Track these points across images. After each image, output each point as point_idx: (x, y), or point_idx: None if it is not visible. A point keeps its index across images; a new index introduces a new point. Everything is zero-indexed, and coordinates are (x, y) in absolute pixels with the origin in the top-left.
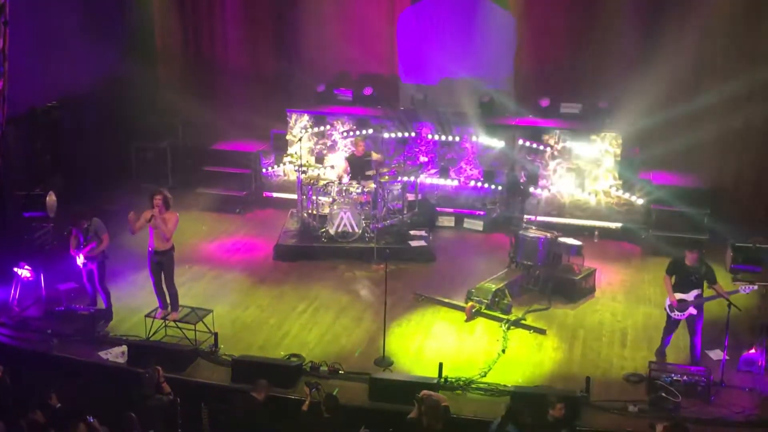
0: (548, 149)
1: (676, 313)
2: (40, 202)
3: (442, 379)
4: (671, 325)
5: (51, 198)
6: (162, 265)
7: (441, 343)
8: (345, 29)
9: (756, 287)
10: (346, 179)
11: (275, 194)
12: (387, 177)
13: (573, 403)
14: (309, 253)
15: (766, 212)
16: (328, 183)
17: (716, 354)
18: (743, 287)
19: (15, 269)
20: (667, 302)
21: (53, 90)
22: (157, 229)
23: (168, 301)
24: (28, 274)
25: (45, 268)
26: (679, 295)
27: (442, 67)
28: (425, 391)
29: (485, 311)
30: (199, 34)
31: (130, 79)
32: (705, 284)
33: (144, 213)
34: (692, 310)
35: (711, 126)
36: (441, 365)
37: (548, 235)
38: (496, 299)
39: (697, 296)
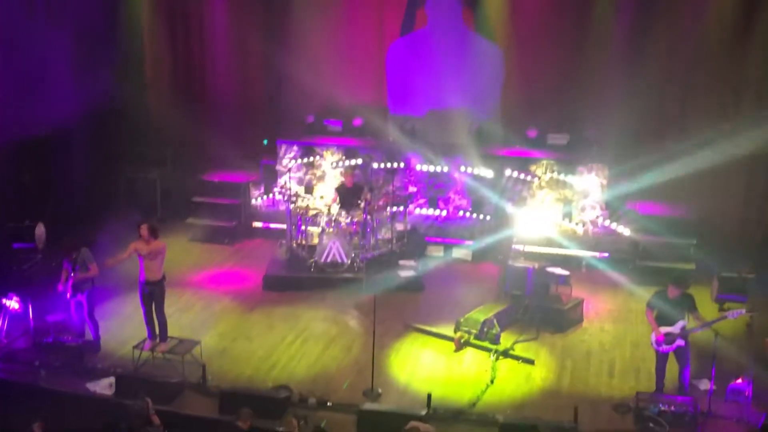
0: (536, 179)
1: (664, 346)
2: (28, 234)
3: (431, 410)
4: (661, 358)
5: (40, 229)
6: (153, 295)
7: (430, 374)
8: (334, 60)
9: (744, 312)
10: (335, 209)
11: (264, 224)
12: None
13: None
14: (298, 283)
15: (751, 242)
16: (317, 213)
17: (703, 384)
18: (731, 313)
19: (3, 300)
20: (653, 337)
21: (43, 120)
22: (146, 260)
23: (157, 331)
24: (17, 306)
25: (33, 299)
26: (664, 329)
27: (431, 98)
28: (414, 423)
29: (474, 341)
30: (190, 64)
31: (119, 109)
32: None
33: (130, 244)
34: (680, 342)
35: (697, 157)
36: (430, 396)
37: (536, 265)
38: (485, 329)
39: (683, 327)
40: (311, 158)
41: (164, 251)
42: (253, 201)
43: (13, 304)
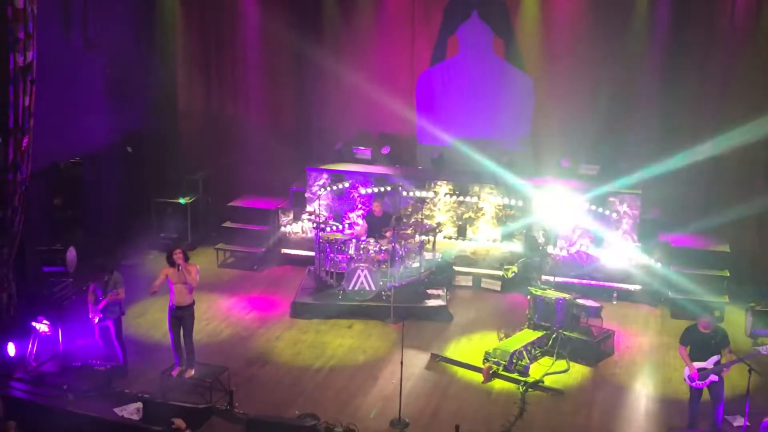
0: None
1: (698, 382)
2: (60, 257)
3: None
4: (695, 394)
5: (71, 253)
6: (182, 320)
7: (457, 405)
8: (364, 88)
9: (716, 378)
10: (363, 238)
11: (292, 251)
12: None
13: None
14: (325, 310)
15: None
16: (345, 241)
17: (738, 420)
18: (764, 348)
19: (33, 323)
20: (687, 373)
21: (76, 146)
22: (177, 285)
23: (185, 357)
24: (46, 329)
25: (63, 323)
26: (698, 364)
27: (461, 127)
28: None
29: (503, 372)
30: (221, 93)
31: (152, 136)
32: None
33: (161, 271)
34: (713, 377)
35: (731, 188)
36: (457, 427)
37: (567, 296)
38: (514, 360)
39: (716, 363)
40: (339, 185)
41: (197, 272)
42: (282, 228)
43: (42, 327)
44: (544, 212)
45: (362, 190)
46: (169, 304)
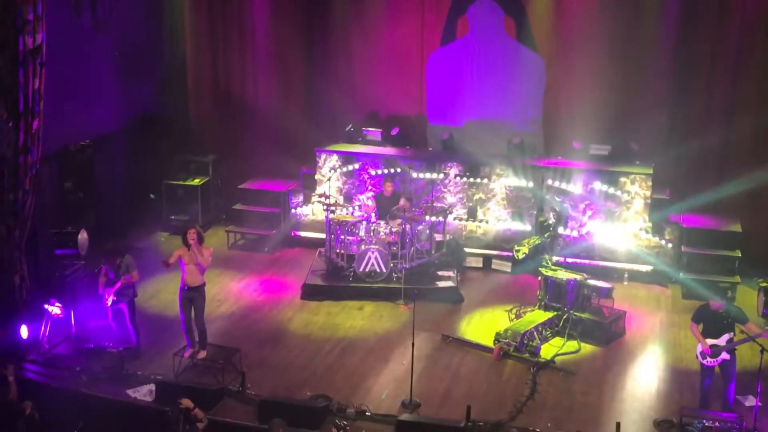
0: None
1: (709, 359)
2: (71, 240)
3: (470, 422)
4: (705, 371)
5: (82, 236)
6: (193, 301)
7: (469, 386)
8: (375, 70)
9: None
10: (374, 219)
11: (303, 233)
12: (414, 217)
13: None
14: (336, 292)
15: None
16: (356, 222)
17: (749, 400)
18: (722, 357)
19: (45, 306)
20: (699, 349)
21: (86, 128)
22: (189, 265)
23: (196, 339)
24: (59, 311)
25: (75, 305)
26: (710, 341)
27: (471, 108)
28: None
29: (514, 353)
30: (231, 73)
31: (162, 118)
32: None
33: (175, 251)
34: (725, 356)
35: (742, 167)
36: (469, 408)
37: (578, 277)
38: (525, 341)
39: (729, 340)
40: (350, 167)
41: (210, 255)
42: (293, 210)
43: (55, 309)
44: (555, 193)
45: (372, 172)
46: (180, 284)
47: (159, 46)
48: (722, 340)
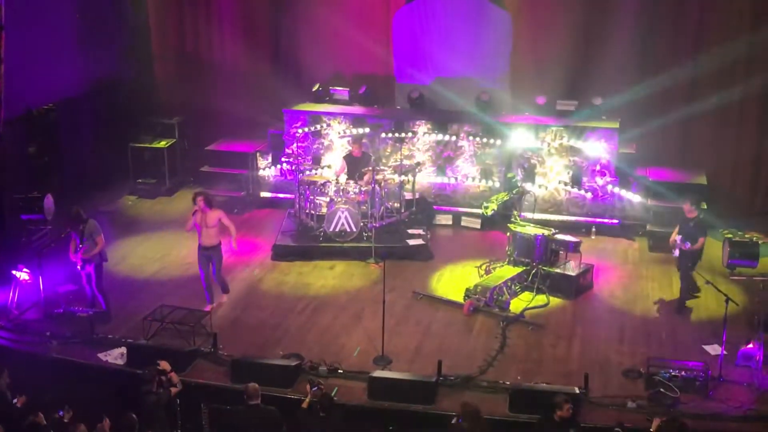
0: (545, 146)
1: (674, 251)
2: (37, 205)
3: (441, 377)
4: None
5: (48, 200)
6: (211, 258)
7: (440, 341)
8: (340, 29)
9: (687, 245)
10: (343, 178)
11: (272, 194)
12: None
13: (573, 400)
14: (307, 252)
15: (762, 207)
16: (325, 182)
17: (714, 349)
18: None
19: (13, 272)
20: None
21: (50, 92)
22: (203, 227)
23: (213, 294)
24: (27, 277)
25: (43, 270)
26: (677, 236)
27: (438, 65)
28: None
29: (484, 308)
30: (196, 35)
31: (126, 80)
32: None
33: (189, 217)
34: (675, 252)
35: (707, 121)
36: (440, 363)
37: (545, 232)
38: (495, 296)
39: (681, 240)
40: (317, 127)
41: (218, 218)
42: (261, 171)
43: (23, 275)
44: (523, 150)
45: (339, 131)
46: (198, 243)
47: (121, 7)
48: (680, 238)
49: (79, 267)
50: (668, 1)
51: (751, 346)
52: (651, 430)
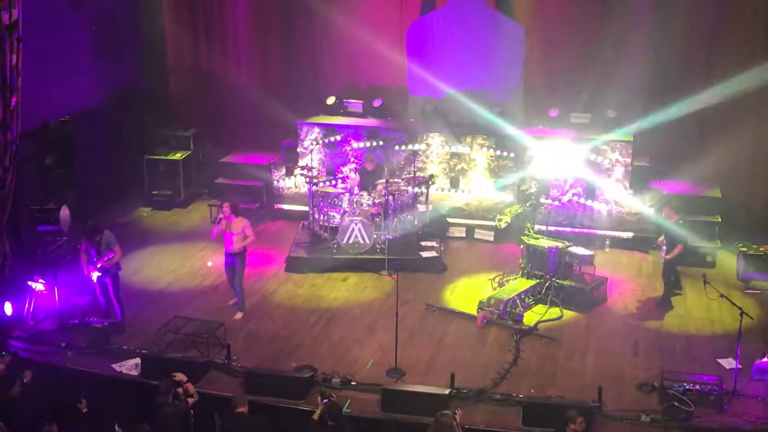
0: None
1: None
2: (53, 216)
3: (454, 390)
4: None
5: (64, 212)
6: (234, 264)
7: (453, 354)
8: (354, 42)
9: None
10: (357, 191)
11: (286, 206)
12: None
13: (586, 414)
14: (320, 264)
15: None
16: (339, 195)
17: (729, 363)
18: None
19: (29, 283)
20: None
21: (66, 104)
22: (228, 234)
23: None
24: (42, 288)
25: (59, 281)
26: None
27: (452, 78)
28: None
29: (497, 321)
30: (211, 48)
31: (142, 93)
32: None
33: (214, 227)
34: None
35: (721, 135)
36: (453, 375)
37: (559, 245)
38: (508, 309)
39: (664, 243)
40: (333, 138)
41: (243, 227)
42: (275, 183)
43: (38, 286)
44: (537, 162)
45: (354, 144)
46: (225, 249)
47: (137, 20)
48: (662, 242)
49: (92, 277)
50: (681, 17)
51: (766, 359)
52: None
